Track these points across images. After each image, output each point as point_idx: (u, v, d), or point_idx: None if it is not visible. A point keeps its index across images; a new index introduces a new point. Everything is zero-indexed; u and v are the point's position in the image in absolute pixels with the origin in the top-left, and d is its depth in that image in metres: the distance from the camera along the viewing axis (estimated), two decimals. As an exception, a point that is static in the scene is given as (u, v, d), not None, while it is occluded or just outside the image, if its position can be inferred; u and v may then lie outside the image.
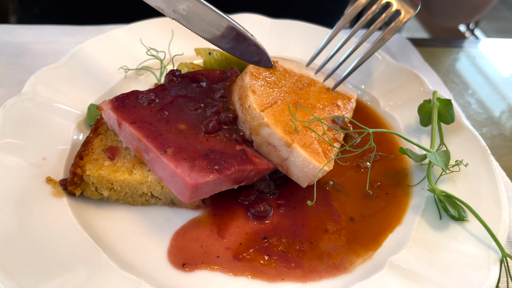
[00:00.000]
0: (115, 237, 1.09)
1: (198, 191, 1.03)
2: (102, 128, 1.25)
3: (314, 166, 1.13)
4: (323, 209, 1.20)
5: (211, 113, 1.20)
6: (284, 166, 1.18)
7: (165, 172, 1.06)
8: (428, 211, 1.18)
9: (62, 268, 0.95)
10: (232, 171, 1.07)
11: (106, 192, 1.14)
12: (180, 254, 1.07)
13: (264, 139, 1.16)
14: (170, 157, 1.05)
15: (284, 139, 1.14)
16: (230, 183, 1.11)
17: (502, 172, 1.43)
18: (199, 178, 1.02)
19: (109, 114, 1.18)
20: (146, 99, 1.21)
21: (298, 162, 1.14)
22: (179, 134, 1.12)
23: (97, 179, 1.12)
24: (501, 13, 6.97)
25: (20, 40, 1.73)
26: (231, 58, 1.47)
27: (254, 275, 1.05)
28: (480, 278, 1.00)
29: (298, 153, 1.13)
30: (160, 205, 1.18)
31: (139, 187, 1.14)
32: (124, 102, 1.19)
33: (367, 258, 1.10)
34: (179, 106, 1.21)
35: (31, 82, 1.32)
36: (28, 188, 1.10)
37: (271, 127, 1.15)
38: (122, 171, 1.14)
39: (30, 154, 1.17)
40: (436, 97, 1.40)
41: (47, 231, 1.03)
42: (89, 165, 1.14)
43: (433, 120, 1.36)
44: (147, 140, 1.09)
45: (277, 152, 1.16)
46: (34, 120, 1.25)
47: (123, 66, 1.49)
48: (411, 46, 1.99)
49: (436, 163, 1.20)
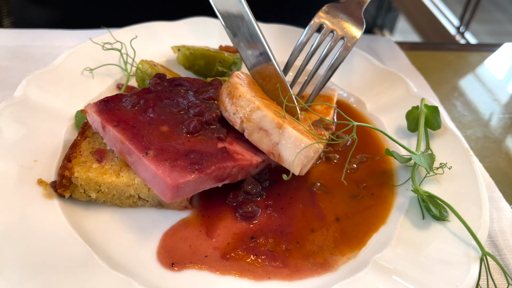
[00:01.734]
0: (105, 238, 1.11)
1: (179, 191, 1.06)
2: (89, 131, 1.27)
3: (306, 144, 1.16)
4: (310, 210, 1.23)
5: (194, 114, 1.23)
6: (275, 152, 1.20)
7: (147, 173, 1.08)
8: (411, 211, 1.21)
9: (52, 267, 0.98)
10: (213, 169, 1.09)
11: (93, 194, 1.16)
12: (169, 254, 1.10)
13: (256, 123, 1.20)
14: (151, 159, 1.07)
15: (276, 120, 1.18)
16: (213, 181, 1.13)
17: (486, 173, 1.47)
18: (179, 178, 1.04)
19: (94, 117, 1.20)
20: (130, 102, 1.23)
21: (289, 144, 1.17)
22: (161, 135, 1.15)
23: (85, 181, 1.14)
24: (492, 15, 7.04)
25: (13, 44, 1.75)
26: (196, 53, 1.55)
27: (242, 274, 1.07)
28: (460, 275, 1.03)
29: (289, 133, 1.17)
30: (147, 207, 1.21)
31: (126, 189, 1.16)
32: (108, 105, 1.21)
33: (351, 257, 1.13)
34: (162, 109, 1.24)
35: (23, 86, 1.34)
36: (19, 190, 1.11)
37: (263, 109, 1.19)
38: (109, 174, 1.16)
39: (22, 157, 1.19)
40: (424, 103, 1.44)
41: (38, 231, 1.05)
42: (77, 167, 1.16)
43: (420, 126, 1.40)
44: (129, 142, 1.11)
45: (269, 137, 1.20)
46: (26, 123, 1.27)
47: (86, 68, 1.50)
48: (398, 50, 2.03)
49: (421, 164, 1.24)
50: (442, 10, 5.20)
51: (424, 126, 1.42)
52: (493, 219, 1.31)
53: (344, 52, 1.41)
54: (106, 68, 1.53)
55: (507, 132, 1.74)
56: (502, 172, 1.54)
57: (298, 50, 1.44)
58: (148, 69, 1.46)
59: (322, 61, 1.44)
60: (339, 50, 1.41)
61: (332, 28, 1.44)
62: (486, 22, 6.79)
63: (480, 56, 2.23)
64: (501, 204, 1.36)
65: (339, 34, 1.43)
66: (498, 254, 1.22)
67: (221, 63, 1.56)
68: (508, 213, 1.33)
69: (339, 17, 1.44)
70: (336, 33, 1.44)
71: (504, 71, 2.17)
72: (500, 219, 1.32)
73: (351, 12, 1.45)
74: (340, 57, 1.42)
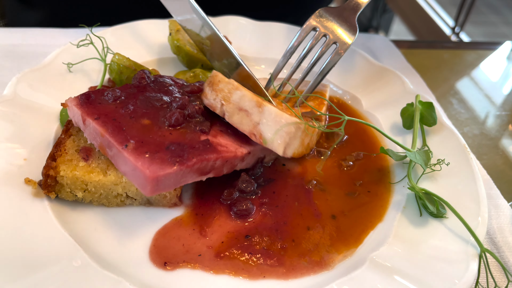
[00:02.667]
0: (96, 237, 1.09)
1: (159, 184, 1.02)
2: (74, 129, 1.24)
3: (286, 120, 1.15)
4: (306, 208, 1.21)
5: (177, 107, 1.20)
6: (257, 132, 1.18)
7: (127, 166, 1.05)
8: (408, 208, 1.20)
9: (41, 267, 0.95)
10: (194, 161, 1.06)
11: (80, 193, 1.12)
12: (161, 253, 1.07)
13: (235, 104, 1.19)
14: (130, 151, 1.04)
15: (255, 98, 1.18)
16: (195, 174, 1.10)
17: (483, 170, 1.45)
18: (159, 171, 1.01)
19: (74, 111, 1.17)
20: (112, 95, 1.20)
21: (270, 121, 1.16)
22: (142, 128, 1.12)
23: (71, 180, 1.11)
24: (487, 17, 7.07)
25: (4, 42, 1.72)
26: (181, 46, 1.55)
27: (236, 273, 1.05)
28: (459, 272, 1.01)
29: (269, 110, 1.16)
30: (136, 206, 1.18)
31: (114, 188, 1.13)
32: (89, 99, 1.18)
33: (348, 255, 1.11)
34: (145, 102, 1.21)
35: (12, 84, 1.32)
36: (8, 189, 1.09)
37: (241, 88, 1.19)
38: (97, 172, 1.13)
39: (11, 155, 1.17)
40: (418, 100, 1.43)
41: (27, 231, 1.02)
42: (63, 165, 1.12)
43: (415, 123, 1.38)
44: (109, 135, 1.08)
45: (249, 117, 1.18)
46: (15, 121, 1.24)
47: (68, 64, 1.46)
48: (394, 48, 2.01)
49: (416, 161, 1.22)
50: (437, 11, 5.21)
51: (420, 123, 1.40)
52: (491, 217, 1.29)
53: (336, 57, 1.40)
54: (98, 66, 1.51)
55: (503, 130, 1.73)
56: (499, 169, 1.52)
57: (290, 52, 1.43)
58: (125, 61, 1.41)
59: (313, 65, 1.42)
60: (331, 55, 1.40)
61: (325, 32, 1.42)
62: (480, 24, 6.82)
63: (476, 54, 2.23)
64: (499, 202, 1.35)
65: (331, 38, 1.42)
66: (497, 252, 1.21)
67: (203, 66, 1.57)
68: (506, 210, 1.32)
69: (333, 21, 1.43)
70: (329, 37, 1.42)
71: (499, 69, 2.17)
72: (499, 216, 1.30)
73: (344, 18, 1.43)
74: (331, 62, 1.40)
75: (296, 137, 1.21)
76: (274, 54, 1.72)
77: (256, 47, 1.72)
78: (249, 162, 1.25)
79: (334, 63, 1.40)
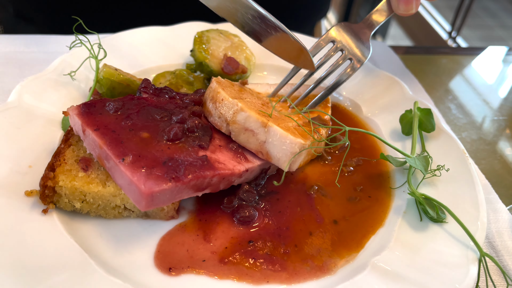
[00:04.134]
0: (101, 244, 1.10)
1: (154, 200, 1.02)
2: (73, 139, 1.23)
3: (290, 141, 1.18)
4: (308, 213, 1.23)
5: (176, 120, 1.19)
6: (263, 150, 1.22)
7: (123, 180, 1.05)
8: (409, 213, 1.21)
9: (48, 274, 0.96)
10: (190, 178, 1.05)
11: (78, 204, 1.12)
12: (166, 258, 1.08)
13: (241, 125, 1.21)
14: (127, 165, 1.04)
15: (260, 119, 1.20)
16: (191, 190, 1.09)
17: (481, 174, 1.47)
18: (154, 187, 1.00)
19: (75, 120, 1.17)
20: (113, 106, 1.19)
21: (276, 141, 1.19)
22: (141, 142, 1.11)
23: (70, 191, 1.10)
24: (483, 21, 7.12)
25: (6, 49, 1.73)
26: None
27: (240, 278, 1.06)
28: (459, 277, 1.03)
29: (274, 131, 1.19)
30: (133, 218, 1.17)
31: (112, 199, 1.13)
32: (90, 109, 1.18)
33: (350, 260, 1.12)
34: (145, 115, 1.20)
35: (17, 91, 1.33)
36: (14, 196, 1.10)
37: (246, 110, 1.21)
38: (96, 183, 1.12)
39: (16, 162, 1.18)
40: (416, 106, 1.45)
41: (34, 237, 1.03)
42: (62, 176, 1.12)
43: (414, 129, 1.40)
44: (107, 147, 1.07)
45: (255, 136, 1.21)
46: (20, 128, 1.26)
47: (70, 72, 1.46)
48: (393, 54, 2.04)
49: (416, 167, 1.24)
50: (434, 16, 5.25)
51: (418, 129, 1.42)
52: (490, 221, 1.31)
53: (349, 72, 1.43)
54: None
55: (501, 134, 1.75)
56: (497, 174, 1.54)
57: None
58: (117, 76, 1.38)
59: (326, 76, 1.45)
60: (345, 70, 1.43)
61: (342, 47, 1.45)
62: (477, 28, 6.87)
63: (473, 60, 2.25)
64: (498, 206, 1.37)
65: (346, 54, 1.45)
66: (496, 256, 1.22)
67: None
68: (505, 215, 1.34)
69: (350, 37, 1.46)
70: (345, 52, 1.45)
71: (497, 74, 2.19)
72: (497, 221, 1.32)
73: (360, 36, 1.46)
74: (343, 76, 1.43)
75: (301, 154, 1.23)
76: (273, 61, 1.74)
77: (256, 54, 1.73)
78: (247, 178, 1.24)
79: (347, 78, 1.43)
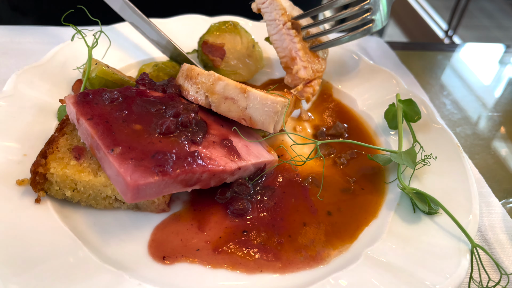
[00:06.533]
0: (95, 232, 1.10)
1: (140, 192, 1.01)
2: (68, 128, 1.23)
3: (272, 101, 1.21)
4: (302, 204, 1.23)
5: (170, 114, 1.18)
6: (246, 117, 1.25)
7: (111, 171, 1.05)
8: (402, 205, 1.22)
9: (42, 261, 0.96)
10: (178, 173, 1.04)
11: (68, 192, 1.12)
12: (160, 247, 1.09)
13: (221, 94, 1.24)
14: (116, 156, 1.03)
15: (239, 86, 1.23)
16: (179, 185, 1.08)
17: (475, 169, 1.48)
18: (140, 179, 0.99)
19: (70, 108, 1.17)
20: (109, 97, 1.19)
21: (257, 105, 1.22)
22: (133, 133, 1.11)
23: (61, 178, 1.10)
24: (480, 21, 7.14)
25: (2, 40, 1.73)
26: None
27: (234, 267, 1.07)
28: (451, 267, 1.04)
29: (254, 95, 1.22)
30: (124, 209, 1.17)
31: (103, 189, 1.12)
32: (86, 98, 1.18)
33: (343, 250, 1.13)
34: (140, 107, 1.19)
35: (12, 80, 1.33)
36: (8, 185, 1.10)
37: (223, 78, 1.24)
38: (87, 172, 1.12)
39: (11, 150, 1.18)
40: (398, 99, 1.45)
41: (28, 225, 1.04)
42: (54, 163, 1.11)
43: (399, 122, 1.40)
44: (98, 137, 1.07)
45: (236, 104, 1.24)
46: (15, 117, 1.26)
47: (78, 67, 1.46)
48: (389, 49, 2.05)
49: (402, 163, 1.24)
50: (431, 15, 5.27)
51: (406, 121, 1.42)
52: (483, 214, 1.32)
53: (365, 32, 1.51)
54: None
55: (495, 130, 1.77)
56: (491, 168, 1.56)
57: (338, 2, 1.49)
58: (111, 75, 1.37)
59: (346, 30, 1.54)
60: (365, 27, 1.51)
61: (370, 7, 1.50)
62: (473, 28, 6.89)
63: (469, 57, 2.26)
64: (491, 200, 1.38)
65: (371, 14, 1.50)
66: (488, 248, 1.23)
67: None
68: (497, 208, 1.35)
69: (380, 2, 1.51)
70: (371, 12, 1.50)
71: (491, 71, 2.20)
72: (490, 214, 1.33)
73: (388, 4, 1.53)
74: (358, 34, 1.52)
75: (282, 112, 1.27)
76: (270, 54, 1.75)
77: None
78: (241, 176, 1.23)
79: (362, 36, 1.53)
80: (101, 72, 1.35)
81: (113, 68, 1.42)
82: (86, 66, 1.36)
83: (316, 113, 1.59)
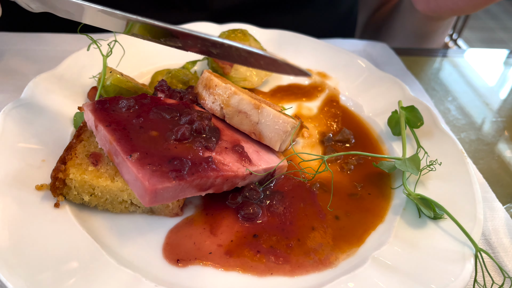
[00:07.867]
0: (112, 236, 1.14)
1: (157, 196, 1.05)
2: (85, 135, 1.27)
3: (283, 121, 1.26)
4: (310, 208, 1.27)
5: (185, 121, 1.23)
6: (256, 131, 1.30)
7: (129, 176, 1.09)
8: (408, 210, 1.25)
9: (61, 262, 1.01)
10: (193, 177, 1.08)
11: (86, 197, 1.16)
12: (174, 250, 1.13)
13: (235, 108, 1.29)
14: (134, 161, 1.07)
15: (253, 102, 1.28)
16: (194, 189, 1.12)
17: (479, 174, 1.51)
18: (158, 184, 1.04)
19: (89, 115, 1.22)
20: (126, 104, 1.24)
21: (269, 122, 1.27)
22: (149, 140, 1.15)
23: (79, 183, 1.14)
24: (485, 23, 7.15)
25: (18, 47, 1.78)
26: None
27: (245, 270, 1.11)
28: (456, 271, 1.07)
29: (267, 111, 1.27)
30: (139, 213, 1.21)
31: (119, 194, 1.16)
32: (104, 105, 1.23)
33: (351, 254, 1.17)
34: (156, 114, 1.24)
35: (30, 87, 1.37)
36: (28, 189, 1.14)
37: (239, 93, 1.29)
38: (104, 177, 1.16)
39: (30, 156, 1.22)
40: (400, 106, 1.48)
41: (48, 229, 1.08)
42: (73, 169, 1.16)
43: (402, 128, 1.43)
44: (116, 143, 1.12)
45: (248, 118, 1.29)
46: (33, 124, 1.30)
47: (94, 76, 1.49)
48: (394, 55, 2.08)
49: (406, 170, 1.27)
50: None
51: (409, 127, 1.45)
52: (487, 219, 1.35)
53: None
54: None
55: (499, 135, 1.79)
56: (495, 173, 1.58)
57: None
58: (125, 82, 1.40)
59: None
60: None
61: None
62: (478, 30, 6.90)
63: (473, 62, 2.29)
64: (495, 204, 1.41)
65: None
66: (492, 252, 1.26)
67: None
68: (501, 213, 1.38)
69: None
70: None
71: (496, 76, 2.23)
72: (494, 218, 1.36)
73: None
74: None
75: (290, 133, 1.32)
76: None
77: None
78: (252, 181, 1.27)
79: None
80: (115, 80, 1.39)
81: (127, 76, 1.46)
82: (101, 74, 1.40)
83: (323, 119, 1.62)
